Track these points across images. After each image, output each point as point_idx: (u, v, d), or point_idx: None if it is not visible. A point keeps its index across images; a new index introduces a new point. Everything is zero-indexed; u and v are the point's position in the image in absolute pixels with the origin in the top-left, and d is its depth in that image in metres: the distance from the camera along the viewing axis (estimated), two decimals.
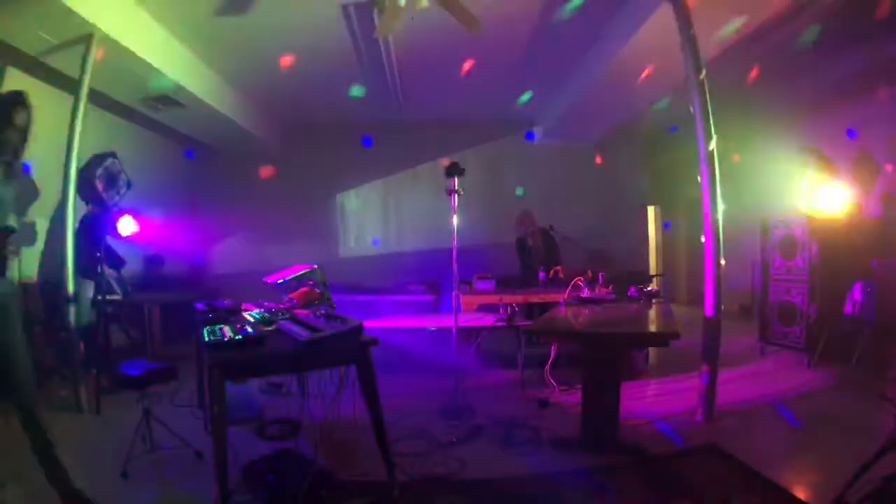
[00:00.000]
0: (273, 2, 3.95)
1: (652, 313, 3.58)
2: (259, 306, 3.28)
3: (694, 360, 3.41)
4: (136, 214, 5.06)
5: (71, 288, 3.55)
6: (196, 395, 3.53)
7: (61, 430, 3.19)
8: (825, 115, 5.37)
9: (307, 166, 7.33)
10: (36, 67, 4.12)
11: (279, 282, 3.38)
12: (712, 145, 3.24)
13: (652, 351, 4.46)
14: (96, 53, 3.62)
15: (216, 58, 5.03)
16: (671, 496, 2.32)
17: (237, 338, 2.17)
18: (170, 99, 5.01)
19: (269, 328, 2.53)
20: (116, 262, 4.64)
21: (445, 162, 3.70)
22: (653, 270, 7.64)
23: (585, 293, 4.04)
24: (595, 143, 7.35)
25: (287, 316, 2.81)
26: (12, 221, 2.19)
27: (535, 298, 4.71)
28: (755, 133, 6.12)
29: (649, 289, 4.12)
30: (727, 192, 3.29)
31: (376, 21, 3.83)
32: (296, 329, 2.39)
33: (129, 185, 4.13)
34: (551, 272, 4.93)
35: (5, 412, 2.56)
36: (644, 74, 4.70)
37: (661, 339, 2.97)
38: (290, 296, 3.37)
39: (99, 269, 3.87)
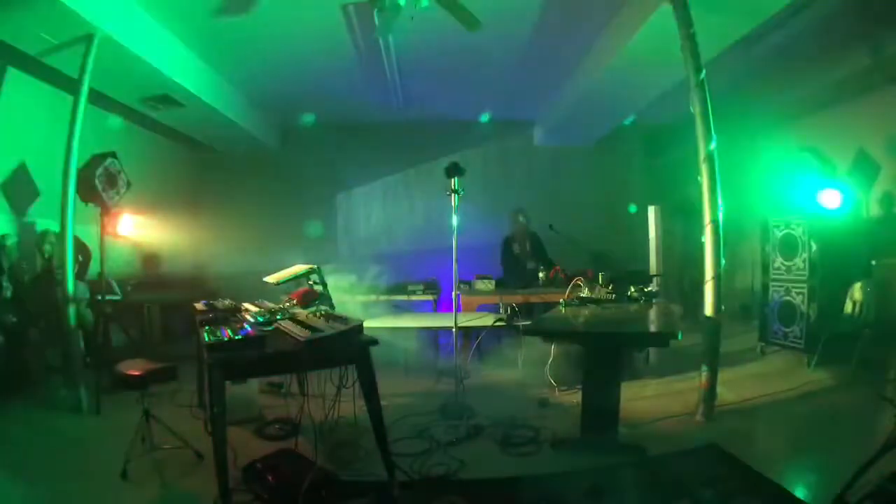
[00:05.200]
0: (273, 2, 3.95)
1: (652, 313, 3.58)
2: (259, 306, 3.28)
3: (694, 360, 3.41)
4: (135, 214, 5.07)
5: (71, 288, 3.55)
6: (196, 395, 3.53)
7: (61, 430, 3.22)
8: (825, 115, 5.37)
9: (307, 166, 7.32)
10: (36, 67, 4.12)
11: (279, 282, 3.37)
12: (712, 145, 3.24)
13: (652, 351, 4.46)
14: (96, 53, 3.62)
15: (216, 58, 5.03)
16: (671, 496, 2.32)
17: (237, 338, 2.16)
18: (170, 99, 5.01)
19: (269, 328, 2.53)
20: None
21: (445, 162, 3.69)
22: (653, 270, 7.62)
23: (585, 293, 4.03)
24: (595, 143, 7.35)
25: (287, 316, 2.81)
26: None
27: (535, 298, 4.71)
28: (755, 133, 6.12)
29: (649, 289, 4.12)
30: (727, 192, 3.28)
31: (376, 21, 3.82)
32: (296, 329, 2.40)
33: (128, 185, 4.13)
34: (551, 272, 4.93)
35: None
36: (644, 74, 4.70)
37: (661, 339, 2.97)
38: (290, 296, 3.36)
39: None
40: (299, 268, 3.37)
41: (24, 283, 4.16)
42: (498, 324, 4.00)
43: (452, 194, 3.56)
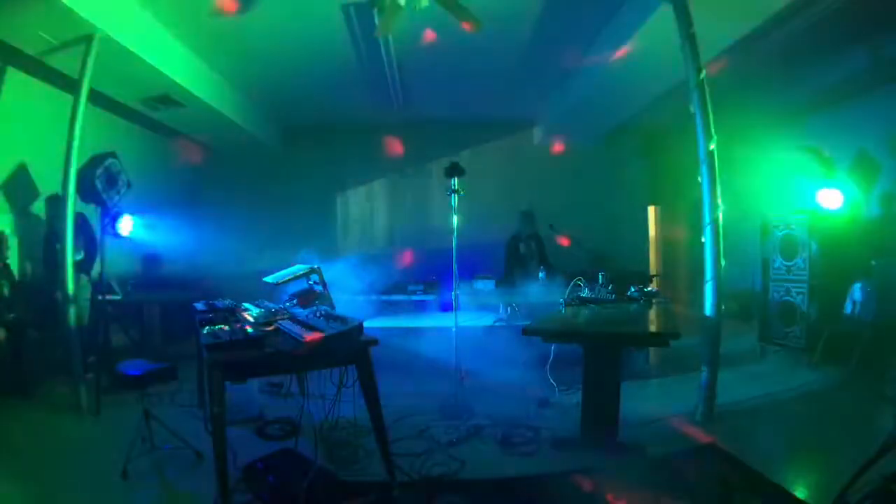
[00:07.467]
0: (273, 2, 3.95)
1: (652, 313, 3.58)
2: (259, 306, 3.27)
3: (694, 360, 3.41)
4: (135, 214, 5.07)
5: (70, 288, 3.55)
6: (196, 395, 3.53)
7: (61, 430, 3.22)
8: (825, 115, 5.37)
9: (307, 166, 7.33)
10: (36, 67, 4.12)
11: (279, 282, 3.37)
12: (712, 145, 3.24)
13: (652, 351, 4.46)
14: (96, 53, 3.62)
15: (216, 58, 5.02)
16: (671, 496, 2.32)
17: (237, 338, 2.16)
18: (170, 99, 5.01)
19: (269, 328, 2.53)
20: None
21: (445, 162, 3.70)
22: (653, 270, 7.62)
23: (585, 293, 4.03)
24: (595, 143, 7.35)
25: (287, 316, 2.81)
26: None
27: (535, 298, 4.71)
28: (755, 132, 6.10)
29: (649, 289, 4.11)
30: (727, 192, 3.29)
31: (376, 21, 3.83)
32: (296, 329, 2.39)
33: (129, 184, 4.13)
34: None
35: None
36: (644, 74, 4.69)
37: (661, 339, 2.96)
38: (291, 296, 3.36)
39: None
40: (299, 268, 3.37)
41: (24, 282, 4.16)
42: (498, 324, 4.00)
43: (452, 194, 3.56)
